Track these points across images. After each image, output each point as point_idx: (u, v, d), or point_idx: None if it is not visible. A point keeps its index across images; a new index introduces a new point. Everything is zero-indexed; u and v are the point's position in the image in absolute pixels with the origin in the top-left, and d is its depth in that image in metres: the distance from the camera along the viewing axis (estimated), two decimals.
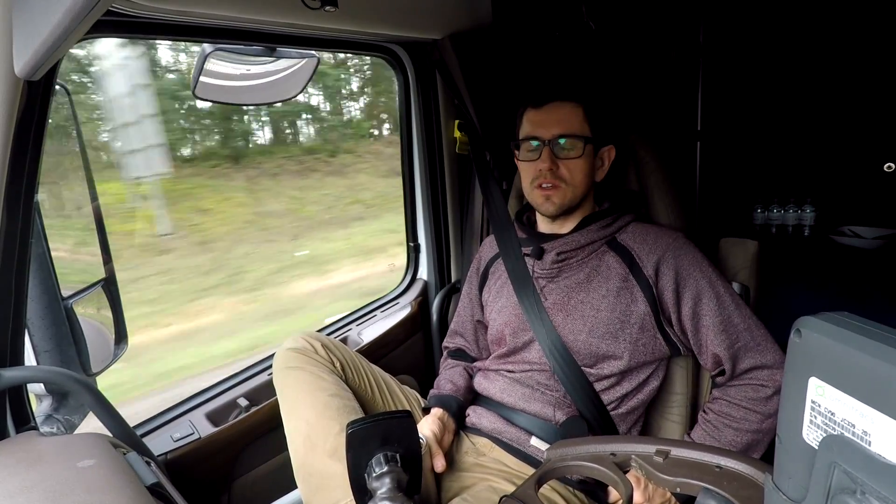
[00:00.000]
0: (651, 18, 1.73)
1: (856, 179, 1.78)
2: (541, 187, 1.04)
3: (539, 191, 1.05)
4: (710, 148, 1.93)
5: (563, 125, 1.02)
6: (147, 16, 0.94)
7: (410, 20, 1.29)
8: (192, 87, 1.05)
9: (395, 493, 0.64)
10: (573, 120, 1.03)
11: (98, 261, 1.08)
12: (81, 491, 0.64)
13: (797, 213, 1.91)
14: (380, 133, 6.52)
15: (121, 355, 1.12)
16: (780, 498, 0.38)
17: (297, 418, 0.96)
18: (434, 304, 1.58)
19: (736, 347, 0.94)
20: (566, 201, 1.04)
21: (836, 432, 0.33)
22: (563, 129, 1.02)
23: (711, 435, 0.95)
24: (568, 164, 1.02)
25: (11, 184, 0.82)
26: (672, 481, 0.59)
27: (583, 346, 1.00)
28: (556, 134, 1.02)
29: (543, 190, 1.04)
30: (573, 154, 1.02)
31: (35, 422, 0.93)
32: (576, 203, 1.06)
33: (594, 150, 1.06)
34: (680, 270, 0.97)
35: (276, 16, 1.05)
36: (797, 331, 0.36)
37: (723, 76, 1.87)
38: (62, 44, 0.59)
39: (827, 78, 1.76)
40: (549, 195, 1.04)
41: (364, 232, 5.25)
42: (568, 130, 1.02)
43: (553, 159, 1.02)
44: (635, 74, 1.72)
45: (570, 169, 1.02)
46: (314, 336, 1.09)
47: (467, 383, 1.18)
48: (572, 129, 1.02)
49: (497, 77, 1.45)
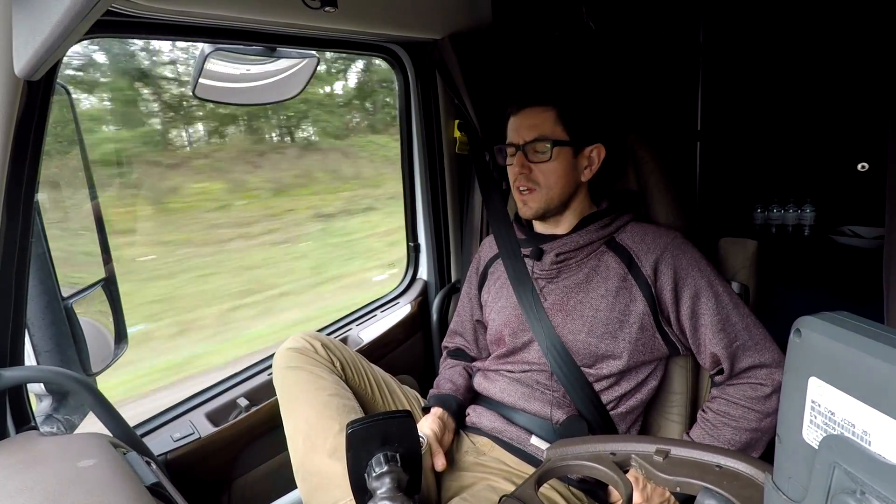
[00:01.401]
0: (651, 18, 1.73)
1: (856, 179, 1.78)
2: (519, 191, 1.07)
3: (517, 194, 1.08)
4: (710, 148, 1.93)
5: (534, 129, 1.04)
6: (147, 16, 0.93)
7: (410, 20, 1.29)
8: (192, 87, 1.05)
9: (395, 492, 0.64)
10: (545, 124, 1.04)
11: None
12: (81, 491, 0.64)
13: (797, 213, 1.91)
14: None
15: (121, 355, 1.12)
16: (780, 498, 0.38)
17: (297, 418, 0.97)
18: (434, 304, 1.58)
19: (734, 346, 0.94)
20: (542, 205, 1.06)
21: (836, 432, 0.33)
22: (533, 134, 1.04)
23: (710, 434, 0.95)
24: (540, 168, 1.04)
25: (11, 184, 0.82)
26: (672, 481, 0.59)
27: (582, 346, 1.00)
28: (527, 139, 1.04)
29: (521, 194, 1.07)
30: (543, 158, 1.04)
31: (35, 422, 0.93)
32: (555, 205, 1.06)
33: (573, 152, 1.05)
34: (678, 270, 0.98)
35: (276, 16, 1.05)
36: (797, 330, 0.36)
37: (723, 76, 1.87)
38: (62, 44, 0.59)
39: (827, 78, 1.76)
40: (525, 199, 1.06)
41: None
42: (539, 134, 1.04)
43: (524, 163, 1.05)
44: (635, 74, 1.72)
45: (543, 172, 1.04)
46: (314, 336, 1.09)
47: (467, 383, 1.18)
48: (543, 132, 1.04)
49: (497, 77, 1.45)
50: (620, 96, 1.70)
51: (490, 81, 1.43)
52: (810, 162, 1.87)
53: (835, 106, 1.76)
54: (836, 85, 1.75)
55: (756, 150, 1.93)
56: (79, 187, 1.07)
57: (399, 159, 1.60)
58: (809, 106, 1.80)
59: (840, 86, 1.75)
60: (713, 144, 1.92)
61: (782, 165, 1.92)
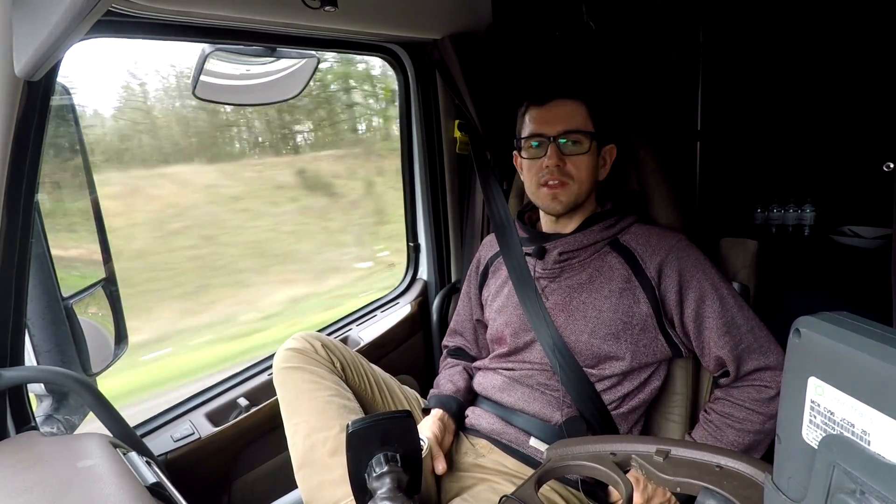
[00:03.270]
0: (651, 18, 1.73)
1: (856, 179, 1.78)
2: (547, 185, 1.02)
3: (546, 189, 1.03)
4: (710, 148, 1.93)
5: (568, 121, 1.01)
6: (147, 16, 0.94)
7: (410, 20, 1.29)
8: (192, 87, 1.05)
9: (396, 492, 0.64)
10: (578, 117, 1.02)
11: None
12: (81, 491, 0.64)
13: (797, 213, 1.91)
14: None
15: (121, 355, 1.12)
16: (780, 498, 0.38)
17: (297, 418, 0.96)
18: (434, 304, 1.58)
19: (740, 349, 0.94)
20: (573, 199, 1.03)
21: (836, 432, 0.33)
22: (568, 126, 1.01)
23: (713, 435, 0.95)
24: (574, 161, 1.01)
25: (11, 184, 0.82)
26: (672, 481, 0.59)
27: (585, 347, 1.00)
28: (562, 130, 1.01)
29: (550, 188, 1.02)
30: (580, 150, 1.01)
31: (35, 422, 0.93)
32: (581, 201, 1.05)
33: (598, 148, 1.05)
34: (683, 272, 0.97)
35: (276, 16, 1.05)
36: (796, 331, 0.36)
37: (723, 76, 1.86)
38: (62, 44, 0.59)
39: (826, 78, 1.76)
40: (556, 193, 1.02)
41: None
42: (574, 126, 1.01)
43: (559, 156, 1.01)
44: (635, 74, 1.71)
45: (577, 165, 1.01)
46: (314, 336, 1.09)
47: (467, 383, 1.18)
48: (577, 125, 1.01)
49: (497, 77, 1.45)
50: (620, 95, 1.70)
51: (490, 81, 1.43)
52: (810, 162, 1.87)
53: (835, 106, 1.76)
54: (836, 85, 1.75)
55: (756, 150, 1.93)
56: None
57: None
58: (809, 106, 1.80)
59: (840, 86, 1.75)
60: (713, 144, 1.92)
61: (782, 165, 1.92)
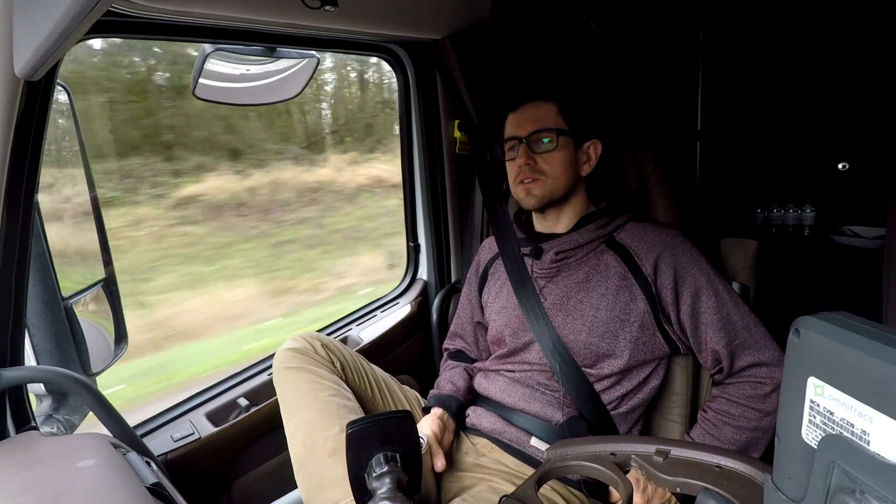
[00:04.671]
0: (651, 18, 1.73)
1: (856, 179, 1.78)
2: (522, 182, 1.07)
3: (521, 186, 1.08)
4: (710, 148, 1.93)
5: (537, 122, 1.06)
6: (147, 16, 0.94)
7: (410, 20, 1.29)
8: (191, 87, 1.04)
9: (395, 492, 0.65)
10: (547, 116, 1.07)
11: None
12: (81, 491, 0.64)
13: (797, 213, 1.91)
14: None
15: (121, 355, 1.12)
16: (780, 498, 0.38)
17: (297, 418, 0.97)
18: (434, 304, 1.58)
19: (734, 345, 0.94)
20: (546, 193, 1.06)
21: (835, 432, 0.33)
22: (537, 126, 1.06)
23: (711, 433, 0.95)
24: (545, 157, 1.06)
25: (11, 184, 0.82)
26: (672, 481, 0.59)
27: (583, 346, 1.00)
28: (532, 130, 1.06)
29: (524, 185, 1.07)
30: (549, 147, 1.05)
31: (35, 422, 0.93)
32: (558, 195, 1.07)
33: (575, 145, 1.07)
34: (678, 268, 0.98)
35: (276, 16, 1.05)
36: (796, 330, 0.36)
37: (723, 76, 1.87)
38: (62, 44, 0.59)
39: (826, 78, 1.76)
40: (530, 188, 1.06)
41: None
42: (542, 126, 1.06)
43: (529, 154, 1.06)
44: (635, 74, 1.71)
45: (548, 161, 1.06)
46: (314, 336, 1.09)
47: (467, 384, 1.18)
48: (546, 124, 1.06)
49: (497, 77, 1.45)
50: (618, 94, 1.70)
51: (490, 81, 1.43)
52: (810, 162, 1.87)
53: (835, 106, 1.76)
54: (836, 85, 1.75)
55: (756, 151, 1.93)
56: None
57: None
58: (809, 106, 1.80)
59: (840, 86, 1.75)
60: (713, 144, 1.92)
61: (782, 165, 1.92)
